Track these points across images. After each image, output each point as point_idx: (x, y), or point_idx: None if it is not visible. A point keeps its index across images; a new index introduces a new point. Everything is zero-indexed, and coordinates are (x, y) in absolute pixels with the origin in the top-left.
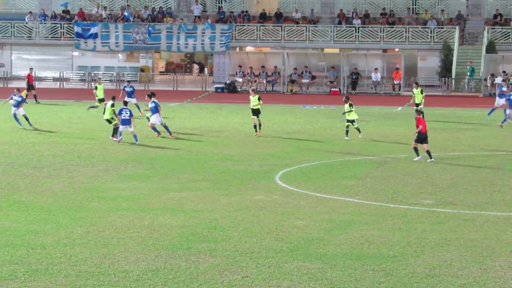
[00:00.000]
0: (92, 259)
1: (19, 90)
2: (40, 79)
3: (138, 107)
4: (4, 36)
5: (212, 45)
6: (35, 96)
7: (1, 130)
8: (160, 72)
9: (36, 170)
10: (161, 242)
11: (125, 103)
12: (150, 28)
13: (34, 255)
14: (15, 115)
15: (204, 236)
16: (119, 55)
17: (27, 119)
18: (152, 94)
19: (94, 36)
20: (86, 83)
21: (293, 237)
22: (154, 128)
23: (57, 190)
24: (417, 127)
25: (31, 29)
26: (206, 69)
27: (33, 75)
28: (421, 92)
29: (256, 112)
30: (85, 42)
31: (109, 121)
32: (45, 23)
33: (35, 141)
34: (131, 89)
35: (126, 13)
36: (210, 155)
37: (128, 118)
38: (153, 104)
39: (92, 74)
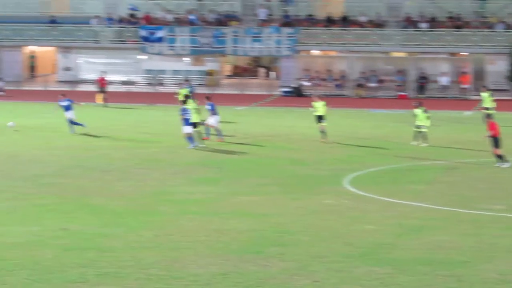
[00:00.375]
0: (162, 262)
1: (64, 95)
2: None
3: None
4: (71, 40)
5: (278, 48)
6: (105, 100)
7: (70, 134)
8: (226, 75)
9: (106, 173)
10: (230, 246)
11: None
12: (215, 32)
13: (104, 258)
14: (70, 120)
15: (273, 240)
16: (186, 58)
17: (73, 123)
18: (208, 97)
19: (160, 40)
20: (153, 87)
21: (363, 241)
22: (207, 131)
23: (126, 194)
24: (489, 131)
25: (98, 33)
26: (272, 72)
27: (106, 78)
28: (491, 96)
29: (321, 118)
30: (151, 46)
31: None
32: (111, 27)
33: (104, 145)
34: (190, 88)
35: (191, 17)
36: (278, 159)
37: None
38: (210, 107)
39: (159, 78)
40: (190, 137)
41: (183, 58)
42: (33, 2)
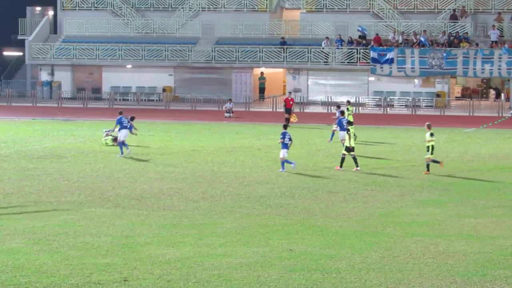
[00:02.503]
0: (387, 284)
1: (121, 113)
2: (336, 104)
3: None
4: (301, 61)
5: (509, 70)
6: (287, 120)
7: (297, 155)
8: (456, 97)
9: (332, 194)
10: (456, 268)
11: (350, 123)
12: (445, 53)
13: (329, 280)
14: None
15: (500, 263)
16: (415, 80)
17: (121, 146)
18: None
19: (390, 61)
20: (382, 108)
21: None
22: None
23: (352, 215)
24: None
25: (328, 54)
26: (502, 94)
27: (293, 98)
28: None
29: None
30: (381, 67)
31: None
32: (341, 48)
33: (331, 166)
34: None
35: (422, 38)
36: (506, 182)
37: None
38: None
39: (388, 99)
40: (284, 162)
41: (413, 80)
42: (264, 24)
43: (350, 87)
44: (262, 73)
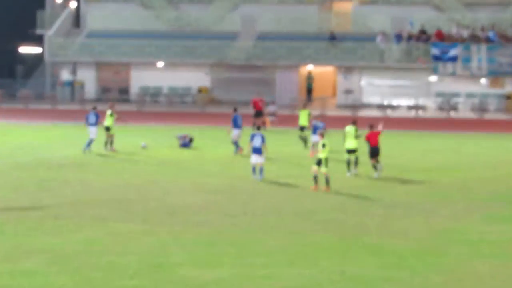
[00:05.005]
0: None
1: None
2: (392, 107)
3: None
4: (353, 58)
5: None
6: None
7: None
8: None
9: (388, 209)
10: None
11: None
12: None
13: None
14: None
15: None
16: (482, 80)
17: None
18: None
19: (454, 59)
20: (445, 112)
21: None
22: None
23: (411, 232)
24: None
25: (383, 51)
26: None
27: (262, 99)
28: None
29: None
30: (443, 66)
31: None
32: (399, 44)
33: (388, 176)
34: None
35: (490, 33)
36: None
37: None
38: None
39: (452, 102)
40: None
41: (480, 80)
42: (311, 18)
43: (408, 88)
44: (309, 72)
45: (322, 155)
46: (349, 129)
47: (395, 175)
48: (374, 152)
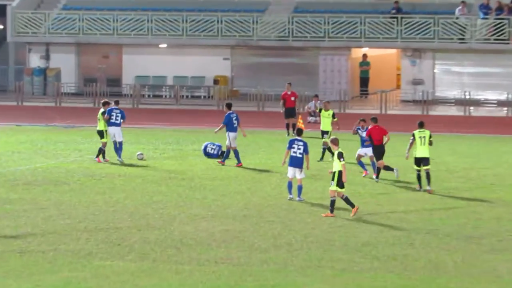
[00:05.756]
0: None
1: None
2: (477, 103)
3: None
4: (424, 38)
5: None
6: (292, 127)
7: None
8: None
9: (471, 241)
10: None
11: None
12: None
13: None
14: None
15: None
16: None
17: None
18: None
19: None
20: None
21: None
22: None
23: (503, 272)
24: None
25: (464, 28)
26: None
27: (295, 92)
28: None
29: None
30: None
31: None
32: (486, 19)
33: (467, 196)
34: None
35: None
36: None
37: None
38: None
39: None
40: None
41: None
42: None
43: (498, 77)
44: (364, 55)
45: (337, 167)
46: (420, 133)
47: (479, 194)
48: (379, 153)
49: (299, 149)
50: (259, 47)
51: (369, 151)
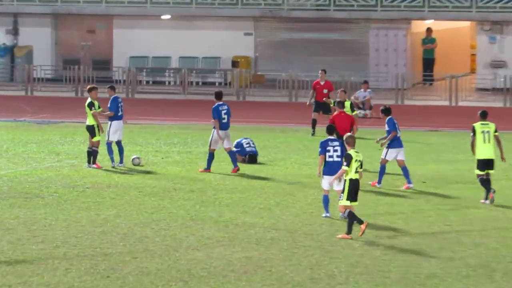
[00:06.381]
0: None
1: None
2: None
3: None
4: (505, 6)
5: None
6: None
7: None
8: None
9: None
10: None
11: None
12: None
13: None
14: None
15: None
16: None
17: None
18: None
19: None
20: None
21: None
22: None
23: None
24: None
25: None
26: None
27: (329, 81)
28: None
29: None
30: None
31: None
32: None
33: None
34: None
35: None
36: None
37: None
38: None
39: None
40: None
41: None
42: None
43: None
44: (429, 30)
45: (351, 174)
46: (483, 127)
47: None
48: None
49: (335, 151)
50: (290, 19)
51: (400, 153)
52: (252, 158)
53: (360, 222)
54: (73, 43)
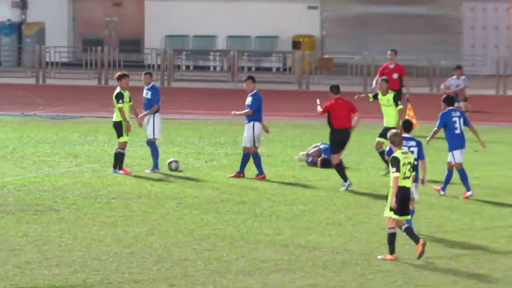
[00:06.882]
0: None
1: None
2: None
3: None
4: None
5: None
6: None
7: None
8: None
9: None
10: None
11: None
12: None
13: None
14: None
15: None
16: None
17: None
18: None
19: None
20: None
21: None
22: None
23: None
24: None
25: None
26: None
27: (403, 68)
28: None
29: None
30: None
31: None
32: None
33: None
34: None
35: None
36: None
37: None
38: None
39: None
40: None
41: None
42: None
43: None
44: None
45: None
46: None
47: None
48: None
49: (410, 152)
50: None
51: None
52: (325, 162)
53: (417, 240)
54: (95, 19)
